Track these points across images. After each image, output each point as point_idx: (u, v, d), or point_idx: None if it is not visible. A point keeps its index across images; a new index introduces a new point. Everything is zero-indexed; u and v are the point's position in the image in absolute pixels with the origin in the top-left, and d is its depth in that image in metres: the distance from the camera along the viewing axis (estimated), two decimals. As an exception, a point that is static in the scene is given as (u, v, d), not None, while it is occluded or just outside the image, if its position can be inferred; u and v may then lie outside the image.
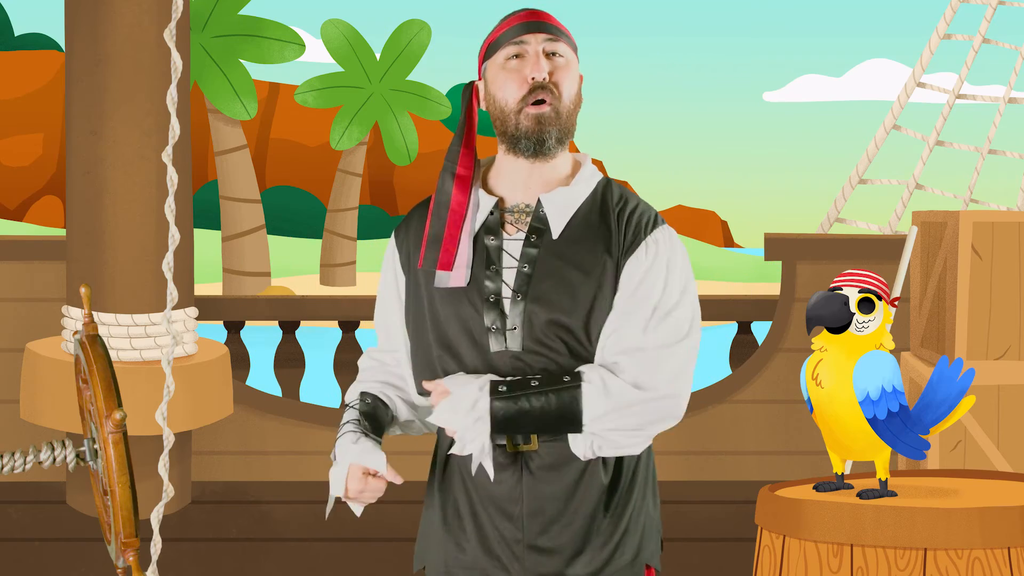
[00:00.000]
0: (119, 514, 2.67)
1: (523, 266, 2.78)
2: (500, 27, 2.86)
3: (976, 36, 19.38)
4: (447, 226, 2.81)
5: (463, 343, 2.78)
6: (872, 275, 3.21)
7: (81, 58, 5.66)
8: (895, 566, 3.04)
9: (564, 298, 2.76)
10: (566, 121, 2.80)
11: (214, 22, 18.40)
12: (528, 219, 2.82)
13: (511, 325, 2.76)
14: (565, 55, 2.82)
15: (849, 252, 6.61)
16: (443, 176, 2.85)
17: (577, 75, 2.86)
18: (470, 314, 2.78)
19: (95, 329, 2.81)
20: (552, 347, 2.76)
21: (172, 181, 3.85)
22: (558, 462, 2.79)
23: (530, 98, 2.78)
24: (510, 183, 2.85)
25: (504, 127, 2.82)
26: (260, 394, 6.61)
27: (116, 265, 5.65)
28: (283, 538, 5.73)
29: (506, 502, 2.80)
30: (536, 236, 2.80)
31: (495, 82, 2.83)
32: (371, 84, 21.14)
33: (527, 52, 2.81)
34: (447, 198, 2.83)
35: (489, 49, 2.85)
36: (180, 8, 3.83)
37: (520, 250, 2.80)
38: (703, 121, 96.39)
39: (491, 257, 2.80)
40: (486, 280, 2.79)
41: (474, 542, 2.83)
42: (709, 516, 6.04)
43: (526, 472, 2.79)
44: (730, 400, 6.66)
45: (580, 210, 2.83)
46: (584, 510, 2.81)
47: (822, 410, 3.22)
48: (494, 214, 2.83)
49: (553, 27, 2.83)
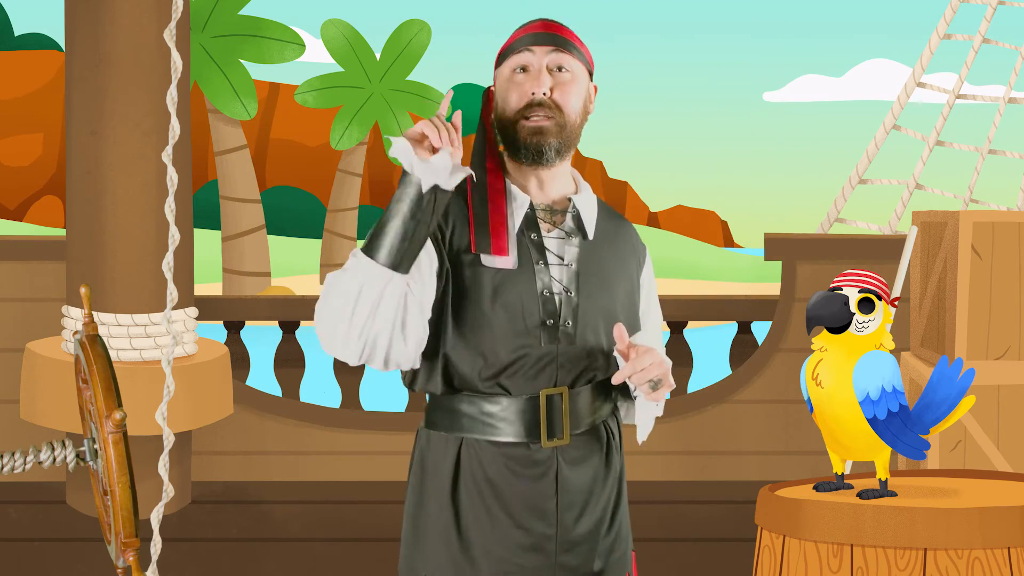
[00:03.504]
0: (119, 514, 2.67)
1: (570, 263, 2.83)
2: (513, 36, 2.88)
3: (976, 36, 19.37)
4: (491, 211, 2.81)
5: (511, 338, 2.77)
6: (872, 275, 3.21)
7: (81, 58, 5.66)
8: (895, 566, 3.04)
9: (609, 295, 2.87)
10: (568, 133, 2.83)
11: (214, 22, 18.40)
12: (562, 219, 2.87)
13: (564, 320, 2.80)
14: (572, 69, 2.83)
15: (849, 252, 6.61)
16: (475, 170, 2.85)
17: (584, 89, 2.86)
18: (522, 307, 2.78)
19: (95, 329, 2.81)
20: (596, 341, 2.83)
21: (172, 181, 3.85)
22: (586, 455, 2.85)
23: (527, 112, 2.80)
24: (526, 186, 2.88)
25: (505, 135, 2.85)
26: (260, 394, 6.61)
27: (116, 265, 5.65)
28: (283, 538, 5.73)
29: (541, 499, 2.80)
30: (577, 236, 2.86)
31: (500, 92, 2.86)
32: (371, 84, 21.14)
33: (532, 65, 2.83)
34: (484, 187, 2.84)
35: (500, 57, 2.89)
36: (180, 8, 3.83)
37: (563, 248, 2.84)
38: (703, 121, 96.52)
39: (537, 252, 2.82)
40: (538, 274, 2.80)
41: (499, 550, 2.79)
42: (709, 516, 6.04)
43: (561, 466, 2.82)
44: (730, 400, 6.65)
45: (599, 214, 2.93)
46: (601, 502, 2.87)
47: (822, 410, 3.22)
48: (531, 210, 2.85)
49: (563, 39, 2.84)
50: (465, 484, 2.82)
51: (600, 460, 2.87)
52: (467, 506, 2.81)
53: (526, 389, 2.79)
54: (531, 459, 2.80)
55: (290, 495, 6.29)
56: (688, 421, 6.58)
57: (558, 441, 2.80)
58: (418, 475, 2.88)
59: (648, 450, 6.33)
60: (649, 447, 6.16)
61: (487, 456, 2.80)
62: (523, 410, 2.80)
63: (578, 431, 2.83)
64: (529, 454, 2.80)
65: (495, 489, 2.80)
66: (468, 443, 2.81)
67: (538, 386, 2.79)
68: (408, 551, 2.89)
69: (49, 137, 27.57)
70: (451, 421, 2.84)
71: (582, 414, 2.84)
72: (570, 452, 2.82)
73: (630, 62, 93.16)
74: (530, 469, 2.80)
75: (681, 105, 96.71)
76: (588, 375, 2.84)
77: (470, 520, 2.81)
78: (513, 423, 2.80)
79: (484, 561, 2.80)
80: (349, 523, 5.96)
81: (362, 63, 21.08)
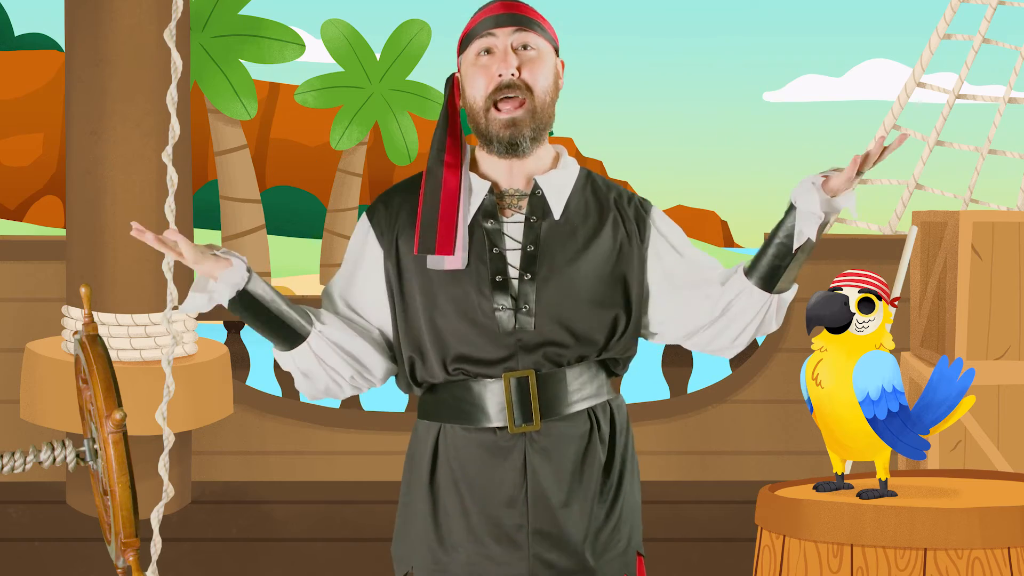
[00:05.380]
0: (119, 514, 2.67)
1: (528, 246, 2.77)
2: (472, 20, 2.82)
3: (976, 36, 19.37)
4: (441, 210, 2.76)
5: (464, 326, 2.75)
6: (872, 275, 3.21)
7: (81, 58, 5.66)
8: (895, 566, 3.04)
9: (574, 274, 2.77)
10: (541, 116, 2.78)
11: (214, 22, 18.40)
12: (525, 202, 2.81)
13: (523, 305, 2.75)
14: (537, 47, 2.78)
15: (849, 252, 6.61)
16: (430, 165, 2.81)
17: (552, 66, 2.80)
18: (474, 297, 2.75)
19: (95, 329, 2.81)
20: (561, 322, 2.76)
21: (172, 181, 3.85)
22: (559, 443, 2.77)
23: (497, 95, 2.75)
24: (496, 174, 2.83)
25: (476, 125, 2.80)
26: (260, 394, 6.61)
27: (116, 265, 5.65)
28: (283, 538, 5.73)
29: (508, 487, 2.76)
30: (537, 217, 2.79)
31: (466, 78, 2.80)
32: (371, 84, 21.13)
33: (496, 47, 2.77)
34: (438, 183, 2.79)
35: (462, 44, 2.83)
36: (180, 8, 3.83)
37: (522, 232, 2.78)
38: (703, 121, 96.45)
39: (492, 240, 2.77)
40: (490, 262, 2.76)
41: (470, 540, 2.77)
42: (709, 516, 6.04)
43: (530, 453, 2.76)
44: (730, 400, 6.65)
45: (574, 191, 2.84)
46: (584, 494, 2.79)
47: (822, 410, 3.22)
48: (489, 198, 2.80)
49: (524, 18, 2.78)
50: (442, 472, 2.80)
51: (578, 449, 2.79)
52: (443, 495, 2.80)
53: (491, 373, 2.76)
54: (498, 445, 2.76)
55: (290, 495, 6.29)
56: (688, 421, 6.58)
57: (527, 427, 2.75)
58: (408, 466, 2.88)
59: (648, 450, 6.33)
60: (649, 447, 6.18)
61: (460, 442, 2.78)
62: (492, 394, 2.76)
63: (552, 417, 2.77)
64: (496, 439, 2.76)
65: (467, 476, 2.77)
66: (445, 430, 2.80)
67: (501, 370, 2.75)
68: (396, 542, 2.90)
69: (49, 137, 27.56)
70: (431, 409, 2.84)
71: (557, 399, 2.77)
72: (541, 440, 2.76)
73: (630, 62, 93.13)
74: (497, 456, 2.76)
75: (681, 105, 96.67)
76: (555, 357, 2.77)
77: (447, 509, 2.79)
78: (483, 408, 2.77)
79: (458, 551, 2.78)
80: (349, 523, 5.95)
81: (362, 63, 21.07)
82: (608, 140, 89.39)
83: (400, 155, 21.51)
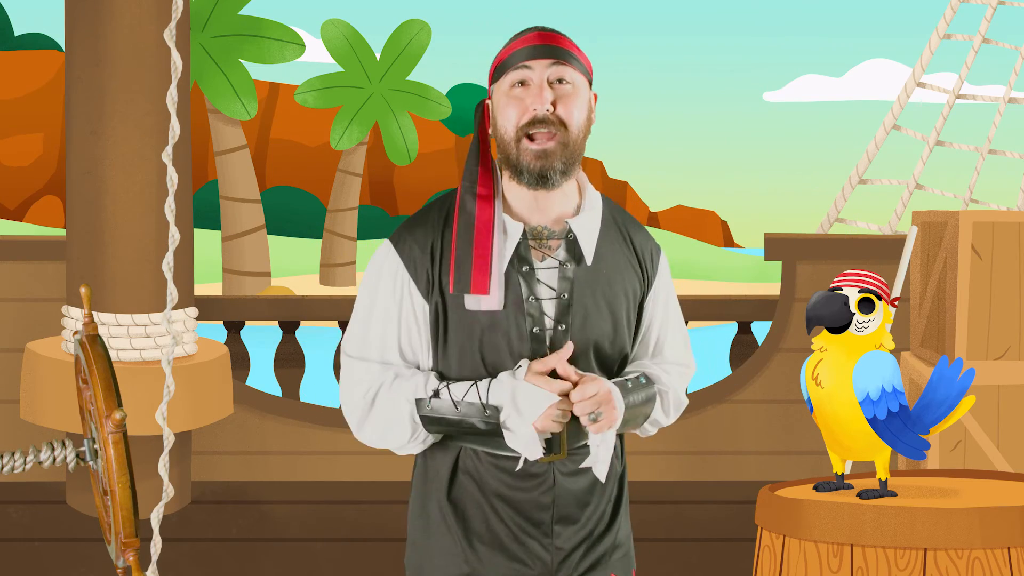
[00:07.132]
0: (119, 514, 2.67)
1: (562, 294, 2.74)
2: (508, 48, 2.76)
3: (976, 36, 19.37)
4: (476, 247, 2.71)
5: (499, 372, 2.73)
6: (872, 275, 3.21)
7: (81, 58, 5.66)
8: (895, 566, 3.04)
9: (604, 323, 2.78)
10: (572, 150, 2.73)
11: (214, 22, 18.40)
12: (557, 245, 2.77)
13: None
14: (572, 81, 2.73)
15: (849, 252, 6.61)
16: (463, 197, 2.76)
17: (586, 100, 2.76)
18: (514, 345, 2.72)
19: (95, 329, 2.81)
20: (587, 369, 2.76)
21: (172, 181, 3.85)
22: (579, 468, 2.80)
23: (530, 129, 2.71)
24: (523, 207, 2.78)
25: (506, 155, 2.75)
26: (260, 394, 6.61)
27: (116, 265, 5.65)
28: (283, 538, 5.73)
29: (535, 510, 2.77)
30: (572, 263, 2.76)
31: (498, 108, 2.75)
32: (371, 84, 21.14)
33: (531, 80, 2.72)
34: (471, 219, 2.73)
35: (496, 71, 2.77)
36: (180, 8, 3.83)
37: (556, 279, 2.75)
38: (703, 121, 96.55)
39: (529, 286, 2.74)
40: (528, 310, 2.73)
41: (493, 556, 2.78)
42: (709, 516, 6.04)
43: (557, 476, 2.78)
44: (730, 400, 6.66)
45: (601, 233, 2.81)
46: (594, 515, 2.84)
47: (822, 410, 3.22)
48: (524, 241, 2.75)
49: (562, 50, 2.73)
50: (463, 492, 2.80)
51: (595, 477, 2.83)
52: (467, 514, 2.80)
53: None
54: (527, 471, 2.77)
55: (290, 495, 6.29)
56: (688, 421, 6.58)
57: (555, 457, 2.75)
58: (420, 478, 2.87)
59: (648, 450, 6.34)
60: (649, 447, 6.18)
61: (484, 465, 2.78)
62: None
63: (576, 445, 2.79)
64: (526, 466, 2.77)
65: (491, 499, 2.78)
66: (467, 452, 2.80)
67: None
68: (418, 554, 2.87)
69: (49, 137, 27.57)
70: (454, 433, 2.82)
71: (580, 432, 2.79)
72: (567, 464, 2.79)
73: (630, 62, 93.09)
74: (527, 480, 2.77)
75: (681, 105, 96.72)
76: None
77: (470, 528, 2.79)
78: None
79: (481, 561, 2.79)
80: (349, 523, 5.96)
81: (362, 63, 21.08)
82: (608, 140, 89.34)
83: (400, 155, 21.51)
